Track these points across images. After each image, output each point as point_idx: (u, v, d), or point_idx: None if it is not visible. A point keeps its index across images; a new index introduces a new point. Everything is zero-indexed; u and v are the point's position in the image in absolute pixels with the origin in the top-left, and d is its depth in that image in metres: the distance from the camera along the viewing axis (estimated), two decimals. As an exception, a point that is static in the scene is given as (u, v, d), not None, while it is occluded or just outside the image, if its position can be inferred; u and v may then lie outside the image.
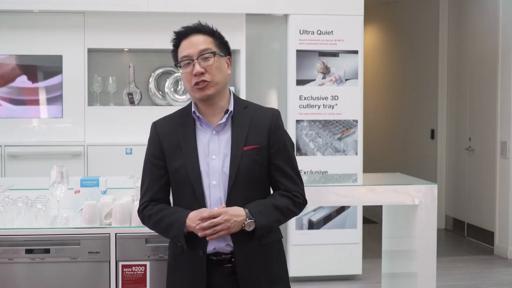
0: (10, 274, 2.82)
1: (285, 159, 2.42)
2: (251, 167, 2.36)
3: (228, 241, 2.37)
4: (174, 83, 5.50)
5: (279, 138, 2.42)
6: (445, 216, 7.70)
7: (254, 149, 2.37)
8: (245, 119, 2.41)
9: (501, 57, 6.49)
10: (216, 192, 2.36)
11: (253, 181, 2.38)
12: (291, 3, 5.41)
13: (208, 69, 2.36)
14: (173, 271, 2.48)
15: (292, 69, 5.41)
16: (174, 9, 5.24)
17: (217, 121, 2.41)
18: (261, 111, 2.46)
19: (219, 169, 2.36)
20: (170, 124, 2.47)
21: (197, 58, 2.36)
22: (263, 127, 2.40)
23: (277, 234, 2.49)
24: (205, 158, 2.38)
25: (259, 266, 2.39)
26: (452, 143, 7.62)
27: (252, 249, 2.37)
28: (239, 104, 2.45)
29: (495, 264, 6.19)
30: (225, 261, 2.38)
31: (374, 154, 8.72)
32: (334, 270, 5.50)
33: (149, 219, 2.44)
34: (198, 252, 2.36)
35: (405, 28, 8.61)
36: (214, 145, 2.39)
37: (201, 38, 2.39)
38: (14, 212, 2.94)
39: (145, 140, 4.65)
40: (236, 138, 2.38)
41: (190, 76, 2.37)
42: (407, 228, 3.80)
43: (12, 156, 5.11)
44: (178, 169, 2.39)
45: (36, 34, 5.26)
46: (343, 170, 5.41)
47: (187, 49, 2.38)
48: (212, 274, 2.38)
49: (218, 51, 2.39)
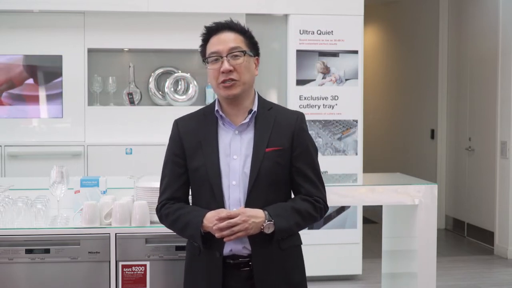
0: (10, 274, 2.82)
1: (308, 163, 2.37)
2: (272, 169, 2.32)
3: (246, 244, 2.31)
4: (174, 83, 5.50)
5: (302, 141, 2.37)
6: (445, 216, 7.70)
7: (276, 150, 2.33)
8: (268, 120, 2.36)
9: (501, 57, 6.48)
10: (236, 192, 2.32)
11: (273, 183, 2.33)
12: (291, 3, 5.41)
13: (237, 68, 2.32)
14: (190, 272, 2.44)
15: (292, 69, 5.41)
16: (174, 9, 5.24)
17: (240, 121, 2.36)
18: (285, 113, 2.42)
19: (240, 170, 2.32)
20: (192, 122, 2.43)
21: (226, 55, 2.32)
22: (287, 129, 2.36)
23: (297, 239, 2.44)
24: (225, 158, 2.33)
25: (277, 271, 2.34)
26: (452, 143, 7.62)
27: (271, 253, 2.32)
28: (263, 105, 2.41)
29: (495, 264, 6.19)
30: (242, 265, 2.33)
31: (374, 154, 8.72)
32: (334, 270, 5.50)
33: (166, 218, 2.40)
34: (215, 254, 2.32)
35: (405, 28, 8.61)
36: (236, 145, 2.34)
37: (232, 35, 2.35)
38: (14, 212, 2.94)
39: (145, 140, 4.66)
40: (259, 139, 2.33)
41: (217, 73, 2.34)
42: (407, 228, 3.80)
43: (12, 156, 5.11)
44: (198, 168, 2.35)
45: (36, 34, 5.26)
46: (343, 170, 5.41)
47: (216, 45, 2.34)
48: (229, 278, 2.33)
49: (248, 51, 2.36)
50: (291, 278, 2.38)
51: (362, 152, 5.54)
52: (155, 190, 2.98)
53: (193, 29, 5.39)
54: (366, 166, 5.69)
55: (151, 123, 5.33)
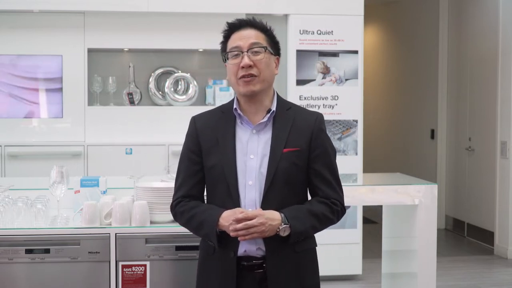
0: (10, 274, 2.82)
1: (326, 165, 2.34)
2: (289, 170, 2.29)
3: (260, 245, 2.29)
4: (174, 83, 5.50)
5: (321, 143, 2.34)
6: (445, 216, 7.70)
7: (294, 151, 2.31)
8: (287, 121, 2.34)
9: (501, 57, 6.48)
10: (252, 192, 2.29)
11: (290, 184, 2.31)
12: (291, 3, 5.41)
13: (257, 63, 2.30)
14: (203, 271, 2.41)
15: (292, 69, 5.41)
16: (174, 9, 5.24)
17: (258, 120, 2.34)
18: (304, 113, 2.39)
19: (257, 169, 2.30)
20: (210, 119, 2.40)
21: (247, 50, 2.30)
22: (305, 130, 2.33)
23: (312, 241, 2.41)
24: (242, 157, 2.31)
25: (291, 274, 2.31)
26: (452, 143, 7.62)
27: (285, 255, 2.30)
28: (282, 105, 2.39)
29: (495, 264, 6.19)
30: (256, 267, 2.30)
31: (374, 154, 8.72)
32: (334, 270, 5.50)
33: (181, 216, 2.38)
34: (229, 253, 2.30)
35: (405, 28, 8.61)
36: (253, 145, 2.32)
37: (253, 32, 2.34)
38: (14, 212, 2.94)
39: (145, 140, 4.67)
40: (276, 139, 2.31)
41: (236, 68, 2.31)
42: (407, 228, 3.81)
43: (12, 156, 5.11)
44: (214, 166, 2.32)
45: (36, 34, 5.26)
46: (343, 170, 5.38)
47: (237, 40, 2.32)
48: (242, 279, 2.31)
49: (268, 47, 2.35)
50: (305, 281, 2.35)
51: (362, 152, 5.54)
52: (155, 190, 2.98)
53: (193, 29, 5.45)
54: (366, 166, 5.69)
55: (151, 123, 5.33)
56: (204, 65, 5.70)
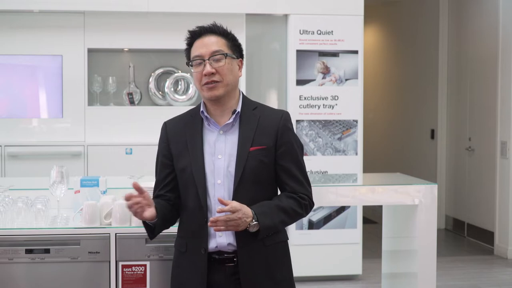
0: (10, 274, 2.82)
1: (292, 161, 2.42)
2: (257, 168, 2.37)
3: (231, 241, 2.37)
4: (174, 83, 5.50)
5: (286, 140, 2.41)
6: (445, 216, 7.70)
7: (260, 149, 2.38)
8: (252, 120, 2.41)
9: (501, 57, 6.48)
10: (221, 191, 2.37)
11: (259, 182, 2.38)
12: (291, 3, 5.41)
13: (219, 70, 2.37)
14: (176, 268, 2.49)
15: (292, 69, 5.41)
16: (174, 9, 5.24)
17: (225, 121, 2.42)
18: (270, 112, 2.46)
19: (225, 169, 2.37)
20: (180, 123, 2.50)
21: (208, 58, 2.38)
22: (271, 128, 2.40)
23: (283, 235, 2.48)
24: (210, 158, 2.39)
25: (262, 267, 2.39)
26: (452, 143, 7.62)
27: (256, 249, 2.37)
28: (248, 105, 2.46)
29: (495, 264, 6.19)
30: (227, 260, 2.38)
31: (374, 154, 8.72)
32: (334, 270, 5.50)
33: None
34: (200, 250, 2.37)
35: (405, 28, 8.61)
36: (221, 145, 2.40)
37: (214, 39, 2.41)
38: (14, 212, 2.94)
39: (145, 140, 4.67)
40: (243, 138, 2.38)
41: (200, 76, 2.39)
42: (407, 228, 3.81)
43: (12, 156, 5.11)
44: (184, 168, 2.41)
45: (36, 34, 5.26)
46: (343, 170, 5.41)
47: (199, 48, 2.41)
48: (214, 273, 2.38)
49: (230, 53, 2.41)
50: (276, 274, 2.42)
51: (362, 152, 5.54)
52: (155, 190, 2.98)
53: (193, 29, 5.44)
54: (366, 166, 5.69)
55: (151, 123, 5.31)
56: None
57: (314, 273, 5.46)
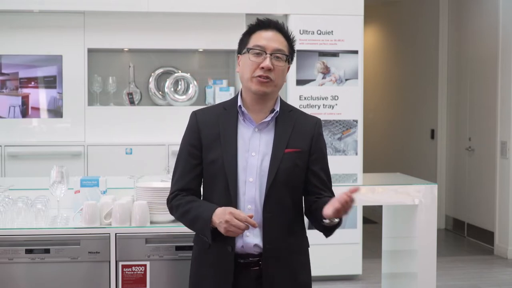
0: (10, 274, 2.82)
1: (323, 167, 2.45)
2: (290, 170, 2.34)
3: (257, 242, 2.33)
4: (174, 83, 5.50)
5: (320, 146, 2.43)
6: (445, 216, 7.70)
7: (295, 152, 2.36)
8: (289, 122, 2.39)
9: (501, 57, 6.48)
10: (252, 190, 2.32)
11: (289, 184, 2.36)
12: (291, 3, 5.41)
13: (276, 69, 2.34)
14: (198, 267, 2.42)
15: (292, 69, 5.41)
16: (174, 9, 5.24)
17: (261, 119, 2.37)
18: (305, 117, 2.46)
19: (258, 167, 2.33)
20: (211, 114, 2.42)
21: (271, 53, 2.34)
22: (306, 133, 2.40)
23: (306, 241, 2.48)
24: (244, 154, 2.34)
25: (286, 272, 2.36)
26: (452, 143, 7.62)
27: (281, 254, 2.35)
28: (284, 107, 2.44)
29: (495, 264, 6.19)
30: (252, 264, 2.34)
31: (374, 154, 8.72)
32: (334, 270, 5.50)
33: (177, 209, 2.40)
34: (226, 248, 2.32)
35: (405, 28, 8.61)
36: (255, 143, 2.35)
37: (280, 37, 2.37)
38: (14, 212, 2.94)
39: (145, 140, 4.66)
40: (278, 139, 2.36)
41: (255, 66, 2.33)
42: (407, 228, 3.81)
43: (12, 156, 5.11)
44: (214, 161, 2.34)
45: (36, 34, 5.26)
46: (343, 170, 5.41)
47: (263, 40, 2.34)
48: (238, 276, 2.34)
49: (289, 57, 2.40)
50: (298, 278, 2.40)
51: (362, 152, 5.54)
52: (155, 190, 2.98)
53: (193, 29, 5.44)
54: (366, 166, 5.69)
55: (151, 123, 5.33)
56: (204, 65, 5.70)
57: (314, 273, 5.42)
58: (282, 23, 2.42)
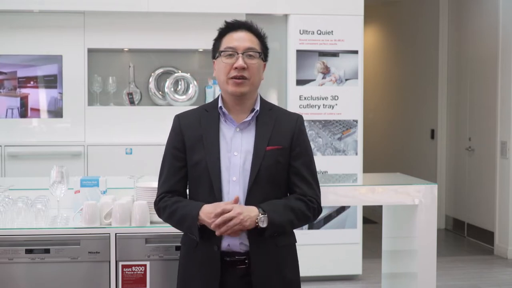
0: (10, 274, 2.82)
1: (305, 164, 2.43)
2: (273, 167, 2.37)
3: (243, 240, 2.35)
4: (174, 83, 5.50)
5: (301, 142, 2.44)
6: (445, 216, 7.70)
7: (277, 149, 2.38)
8: (269, 120, 2.42)
9: (501, 57, 6.48)
10: (236, 188, 2.35)
11: (273, 182, 2.38)
12: (291, 3, 5.41)
13: (250, 67, 2.37)
14: (186, 267, 2.45)
15: (292, 69, 5.41)
16: (174, 9, 5.24)
17: (242, 118, 2.41)
18: (285, 114, 2.48)
19: (240, 166, 2.36)
20: (194, 117, 2.47)
21: (242, 53, 2.36)
22: (287, 129, 2.42)
23: (292, 237, 2.48)
24: (226, 154, 2.38)
25: (273, 267, 2.38)
26: (452, 143, 7.62)
27: (268, 250, 2.36)
28: (264, 105, 2.46)
29: (495, 264, 6.19)
30: (238, 262, 2.36)
31: (374, 154, 8.72)
32: (334, 270, 5.50)
33: (164, 211, 2.43)
34: (213, 247, 2.35)
35: (405, 28, 8.61)
36: (237, 142, 2.39)
37: (250, 36, 2.41)
38: (14, 212, 2.94)
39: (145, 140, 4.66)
40: (260, 137, 2.39)
41: (229, 68, 2.37)
42: (407, 228, 3.81)
43: (12, 156, 5.11)
44: (198, 162, 2.38)
45: (36, 34, 5.26)
46: (343, 170, 5.41)
47: (234, 41, 2.38)
48: (225, 274, 2.36)
49: (262, 54, 2.42)
50: (286, 275, 2.41)
51: (362, 152, 5.54)
52: (155, 190, 2.97)
53: (193, 29, 5.44)
54: (366, 166, 5.69)
55: (151, 123, 5.33)
56: (204, 65, 5.70)
57: (314, 273, 5.46)
58: (251, 21, 2.44)
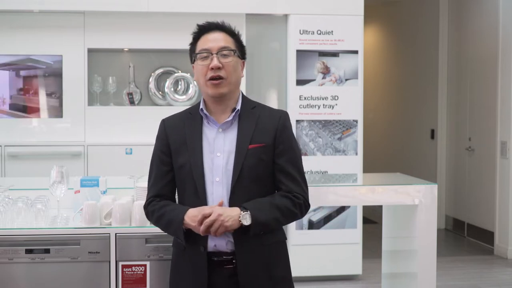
0: (10, 274, 2.82)
1: (289, 160, 2.42)
2: (255, 165, 2.37)
3: (229, 239, 2.36)
4: (174, 83, 5.50)
5: (285, 139, 2.42)
6: (445, 216, 7.70)
7: (259, 147, 2.38)
8: (252, 118, 2.42)
9: (501, 57, 6.48)
10: (219, 189, 2.36)
11: (257, 180, 2.38)
12: (291, 3, 5.41)
13: (226, 66, 2.38)
14: (175, 269, 2.49)
15: (292, 69, 5.41)
16: (174, 9, 5.24)
17: (224, 119, 2.42)
18: (269, 111, 2.48)
19: (223, 166, 2.37)
20: (178, 121, 2.50)
21: (216, 53, 2.38)
22: (270, 127, 2.41)
23: (281, 234, 2.47)
24: (209, 155, 2.39)
25: (260, 267, 2.38)
26: (452, 143, 7.62)
27: (254, 249, 2.37)
28: (247, 104, 2.47)
29: (495, 264, 6.19)
30: (225, 262, 2.38)
31: (374, 154, 8.72)
32: (334, 270, 5.50)
33: (152, 215, 2.46)
34: (199, 248, 2.37)
35: (405, 28, 8.61)
36: (220, 143, 2.40)
37: (222, 35, 2.42)
38: (14, 212, 2.94)
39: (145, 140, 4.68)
40: (242, 136, 2.39)
41: (205, 70, 2.39)
42: (407, 228, 3.81)
43: (12, 156, 5.11)
44: (182, 165, 2.41)
45: (36, 34, 5.26)
46: (343, 170, 5.41)
47: (208, 42, 2.40)
48: (213, 275, 2.38)
49: (237, 52, 2.43)
50: (274, 273, 2.41)
51: (362, 152, 5.54)
52: (155, 190, 2.98)
53: (193, 29, 5.43)
54: (366, 166, 5.69)
55: (151, 123, 5.26)
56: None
57: (314, 273, 5.46)
58: (223, 22, 2.46)
